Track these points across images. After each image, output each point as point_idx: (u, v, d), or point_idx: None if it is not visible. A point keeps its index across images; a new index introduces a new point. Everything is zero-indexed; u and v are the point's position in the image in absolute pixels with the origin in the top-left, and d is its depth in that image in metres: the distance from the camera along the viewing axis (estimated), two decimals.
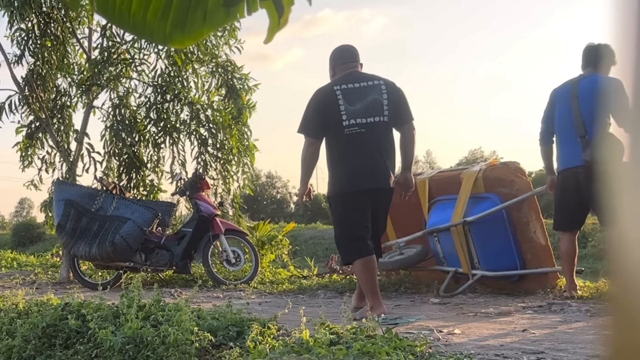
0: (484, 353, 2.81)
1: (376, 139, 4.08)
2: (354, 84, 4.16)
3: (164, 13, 0.91)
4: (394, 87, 4.20)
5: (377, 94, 4.13)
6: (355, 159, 4.08)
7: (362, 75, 4.22)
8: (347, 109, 4.09)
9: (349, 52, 4.34)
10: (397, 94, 4.19)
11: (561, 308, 4.19)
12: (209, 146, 7.77)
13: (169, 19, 0.91)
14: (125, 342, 2.92)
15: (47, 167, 7.88)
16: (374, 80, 4.18)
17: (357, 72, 4.25)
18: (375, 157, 4.08)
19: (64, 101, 7.87)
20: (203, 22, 0.91)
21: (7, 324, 3.53)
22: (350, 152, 4.09)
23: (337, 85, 4.15)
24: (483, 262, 5.09)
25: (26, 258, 11.33)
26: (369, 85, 4.16)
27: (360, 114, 4.08)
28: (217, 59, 7.67)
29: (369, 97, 4.12)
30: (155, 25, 0.92)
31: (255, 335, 2.78)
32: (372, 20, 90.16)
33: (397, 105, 4.14)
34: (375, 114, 4.09)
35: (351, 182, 4.09)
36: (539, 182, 6.27)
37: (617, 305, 0.47)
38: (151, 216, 6.48)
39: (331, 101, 4.11)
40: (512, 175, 5.16)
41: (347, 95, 4.11)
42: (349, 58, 4.30)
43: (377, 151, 4.08)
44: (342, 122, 4.07)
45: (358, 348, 2.47)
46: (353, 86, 4.15)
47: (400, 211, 5.94)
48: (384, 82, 4.19)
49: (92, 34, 7.84)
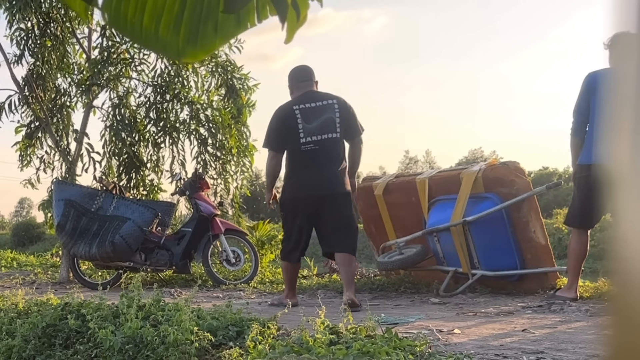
0: (483, 353, 2.81)
1: (328, 153, 4.67)
2: (311, 103, 4.72)
3: (176, 26, 0.90)
4: (345, 105, 4.75)
5: (330, 112, 4.69)
6: (307, 170, 4.70)
7: (318, 95, 4.77)
8: (305, 127, 4.67)
9: (304, 72, 4.87)
10: (348, 111, 4.74)
11: (561, 308, 4.18)
12: (209, 146, 7.77)
13: (180, 32, 0.90)
14: (125, 342, 2.92)
15: (45, 166, 7.87)
16: (328, 100, 4.73)
17: (313, 91, 4.79)
18: (325, 168, 4.68)
19: (63, 101, 7.87)
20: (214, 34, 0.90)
21: (7, 323, 3.53)
22: (304, 165, 4.71)
23: (296, 105, 4.73)
24: (483, 262, 5.09)
25: (26, 258, 11.32)
26: (323, 105, 4.72)
27: (315, 131, 4.66)
28: (216, 59, 7.67)
29: (324, 115, 4.68)
30: (167, 39, 0.91)
31: (255, 335, 2.78)
32: (372, 20, 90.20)
33: (347, 122, 4.72)
34: (328, 131, 4.66)
35: (297, 190, 4.74)
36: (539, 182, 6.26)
37: (617, 305, 0.47)
38: (151, 216, 6.48)
39: (291, 120, 4.68)
40: (512, 175, 5.15)
41: (304, 115, 4.68)
42: (304, 77, 4.84)
43: (328, 163, 4.68)
44: (300, 139, 4.66)
45: (358, 348, 2.47)
46: (310, 105, 4.71)
47: (400, 211, 5.95)
48: (337, 100, 4.73)
49: (92, 34, 7.83)
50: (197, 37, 0.90)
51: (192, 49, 0.91)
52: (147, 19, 0.90)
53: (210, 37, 0.90)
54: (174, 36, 0.91)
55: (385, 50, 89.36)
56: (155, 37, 0.91)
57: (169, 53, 0.94)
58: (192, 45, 0.91)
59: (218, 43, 0.92)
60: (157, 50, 0.97)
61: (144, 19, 0.90)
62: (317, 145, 4.66)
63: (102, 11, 0.92)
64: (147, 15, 0.90)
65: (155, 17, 0.90)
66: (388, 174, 7.14)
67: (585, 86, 4.48)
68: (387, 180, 6.15)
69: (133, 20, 0.91)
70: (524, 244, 5.10)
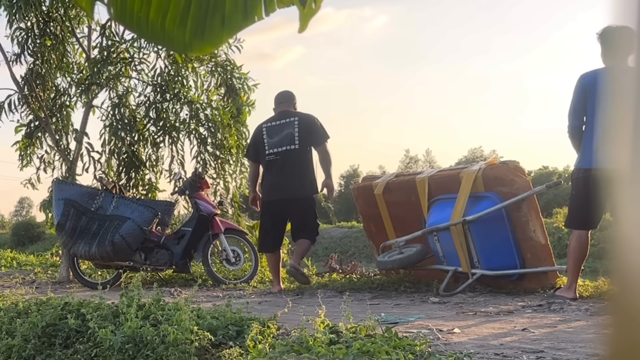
0: (483, 352, 2.81)
1: (288, 162, 5.65)
2: (276, 121, 5.77)
3: (182, 20, 0.90)
4: (306, 120, 5.70)
5: (290, 128, 5.67)
6: (272, 178, 5.73)
7: (284, 114, 5.77)
8: (269, 142, 5.73)
9: (282, 96, 5.91)
10: (308, 125, 5.68)
11: (561, 307, 4.18)
12: (208, 145, 7.77)
13: (187, 26, 0.90)
14: (124, 341, 2.92)
15: (45, 166, 7.87)
16: (290, 118, 5.72)
17: (283, 111, 5.80)
18: (286, 176, 5.65)
19: (63, 100, 7.86)
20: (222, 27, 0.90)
21: (7, 323, 3.53)
22: (269, 172, 5.76)
23: (265, 123, 5.83)
24: (483, 261, 5.09)
25: (26, 257, 11.31)
26: (285, 122, 5.71)
27: (276, 144, 5.69)
28: (216, 58, 7.68)
29: (285, 131, 5.68)
30: (174, 33, 0.91)
31: (255, 334, 2.78)
32: (373, 19, 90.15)
33: (308, 134, 5.64)
34: (287, 143, 5.65)
35: (267, 194, 5.79)
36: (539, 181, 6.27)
37: (617, 304, 0.47)
38: (151, 215, 6.48)
39: (259, 136, 5.81)
40: (512, 174, 5.15)
41: (269, 131, 5.76)
42: (281, 100, 5.89)
43: (289, 171, 5.64)
44: (265, 151, 5.74)
45: (358, 347, 2.47)
46: (275, 123, 5.77)
47: (400, 210, 5.95)
48: (298, 118, 5.71)
49: (92, 33, 7.84)
50: (204, 30, 0.90)
51: (199, 43, 0.91)
52: (153, 13, 0.90)
53: (218, 30, 0.90)
54: (180, 30, 0.91)
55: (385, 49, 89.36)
56: (161, 31, 0.91)
57: (175, 47, 0.94)
58: (199, 38, 0.91)
59: (225, 36, 0.92)
60: (163, 44, 0.97)
61: (150, 13, 0.90)
62: (277, 156, 5.68)
63: (107, 6, 0.92)
64: (153, 9, 0.90)
65: (161, 10, 0.90)
66: (388, 173, 7.14)
67: (581, 87, 4.37)
68: (387, 179, 6.15)
69: (139, 14, 0.90)
70: (523, 243, 5.10)
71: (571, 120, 4.45)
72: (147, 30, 0.92)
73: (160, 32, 0.91)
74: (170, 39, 0.92)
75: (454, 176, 5.42)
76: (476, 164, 5.53)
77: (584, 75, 4.39)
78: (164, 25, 0.91)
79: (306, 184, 5.69)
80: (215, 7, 0.89)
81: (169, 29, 0.91)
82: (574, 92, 4.44)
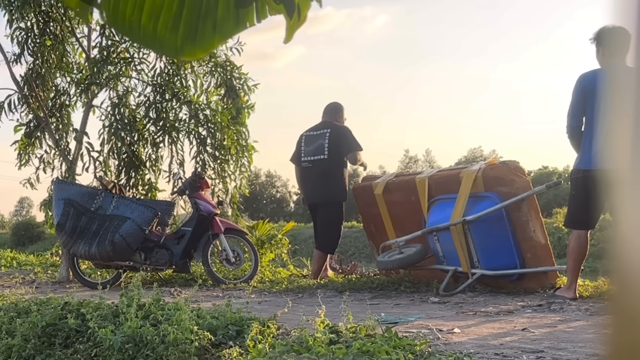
0: (483, 352, 2.81)
1: (318, 170, 6.31)
2: (314, 131, 6.41)
3: (174, 24, 0.90)
4: (337, 132, 6.28)
5: (322, 139, 6.30)
6: (306, 183, 6.47)
7: (321, 125, 6.41)
8: (305, 150, 6.42)
9: (329, 108, 6.55)
10: (338, 136, 6.26)
11: (560, 307, 4.18)
12: (208, 145, 7.76)
13: (179, 30, 0.90)
14: (124, 341, 2.92)
15: (45, 166, 7.87)
16: (325, 129, 6.33)
17: (322, 122, 6.45)
18: (316, 182, 6.33)
19: (63, 100, 7.86)
20: (213, 32, 0.90)
21: (7, 323, 3.53)
22: (304, 178, 6.50)
23: (305, 132, 6.49)
24: (482, 261, 5.09)
25: (26, 257, 11.31)
26: (320, 133, 6.35)
27: (310, 153, 6.37)
28: (216, 59, 7.67)
29: (318, 141, 6.32)
30: (165, 37, 0.91)
31: (254, 334, 2.78)
32: (373, 19, 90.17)
33: (337, 146, 6.24)
34: (319, 153, 6.30)
35: (306, 198, 6.55)
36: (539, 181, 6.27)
37: (617, 304, 0.47)
38: (151, 215, 6.48)
39: (299, 144, 6.49)
40: (512, 174, 5.15)
41: (307, 140, 6.43)
42: (326, 112, 6.53)
43: (318, 178, 6.30)
44: (302, 158, 6.44)
45: (357, 347, 2.47)
46: (312, 133, 6.42)
47: (400, 210, 5.95)
48: (330, 129, 6.29)
49: (92, 33, 7.83)
50: (196, 35, 0.90)
51: (190, 47, 0.91)
52: (145, 17, 0.90)
53: (209, 35, 0.90)
54: (172, 34, 0.91)
55: (385, 49, 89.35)
56: (153, 36, 0.91)
57: (167, 51, 0.94)
58: (191, 43, 0.91)
59: (217, 41, 0.92)
60: (155, 49, 0.97)
61: (142, 17, 0.90)
62: (310, 164, 6.37)
63: (99, 10, 0.92)
64: (145, 14, 0.90)
65: (153, 15, 0.90)
66: (388, 173, 7.15)
67: (581, 88, 4.35)
68: (387, 179, 6.15)
69: (131, 18, 0.91)
70: (523, 243, 5.10)
71: (570, 121, 4.45)
72: (139, 34, 0.92)
73: (152, 37, 0.91)
74: (162, 44, 0.92)
75: (454, 176, 5.42)
76: (476, 164, 5.53)
77: (584, 75, 4.38)
78: (156, 30, 0.91)
79: (331, 189, 6.27)
80: (207, 13, 0.89)
81: (161, 33, 0.91)
82: (573, 92, 4.43)
